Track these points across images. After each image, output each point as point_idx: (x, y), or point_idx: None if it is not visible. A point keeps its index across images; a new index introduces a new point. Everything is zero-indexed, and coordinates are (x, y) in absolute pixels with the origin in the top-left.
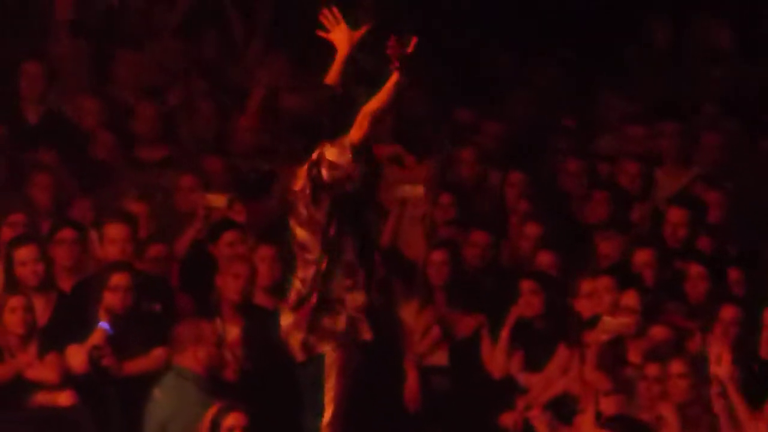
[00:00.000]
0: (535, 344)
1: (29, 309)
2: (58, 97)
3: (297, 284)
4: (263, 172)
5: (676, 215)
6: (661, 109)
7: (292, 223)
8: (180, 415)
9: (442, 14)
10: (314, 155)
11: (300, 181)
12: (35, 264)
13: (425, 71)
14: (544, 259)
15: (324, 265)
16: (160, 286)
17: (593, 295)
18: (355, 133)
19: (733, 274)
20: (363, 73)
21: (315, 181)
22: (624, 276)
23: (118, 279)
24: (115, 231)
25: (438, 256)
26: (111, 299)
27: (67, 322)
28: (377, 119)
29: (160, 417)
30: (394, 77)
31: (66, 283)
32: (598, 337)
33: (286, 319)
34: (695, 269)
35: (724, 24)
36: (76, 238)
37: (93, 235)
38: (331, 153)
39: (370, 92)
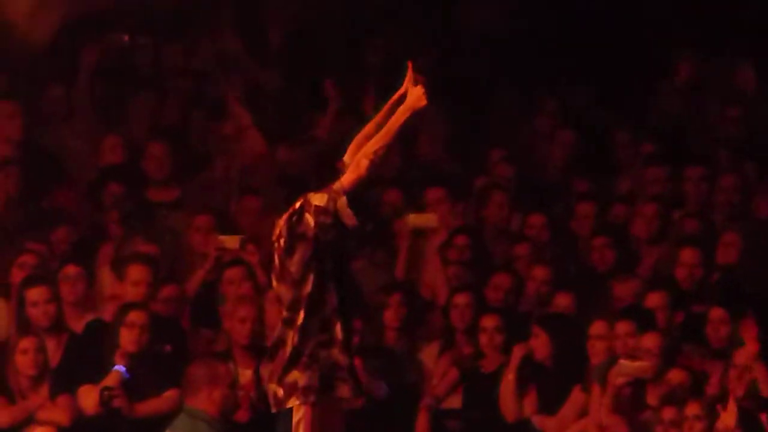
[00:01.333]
0: (548, 386)
1: (41, 350)
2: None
3: (275, 334)
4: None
5: (689, 256)
6: (680, 151)
7: (272, 275)
8: None
9: (454, 53)
10: (297, 204)
11: (277, 231)
12: (46, 305)
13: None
14: (562, 301)
15: (300, 320)
16: (171, 326)
17: (609, 338)
18: (351, 178)
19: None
20: None
21: (292, 230)
22: (642, 319)
23: (135, 316)
24: (137, 272)
25: (462, 299)
26: (127, 337)
27: (79, 362)
28: (379, 159)
29: None
30: (401, 110)
31: (74, 322)
32: (615, 380)
33: (264, 368)
34: (716, 313)
35: (747, 65)
36: (79, 274)
37: (104, 273)
38: (317, 198)
39: None
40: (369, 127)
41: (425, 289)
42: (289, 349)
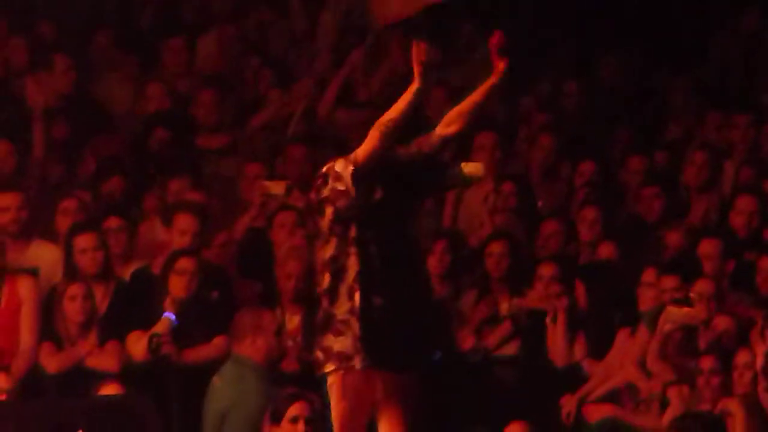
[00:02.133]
0: (594, 332)
1: (89, 297)
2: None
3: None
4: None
5: (746, 204)
6: (729, 99)
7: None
8: (240, 404)
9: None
10: (325, 167)
11: (312, 193)
12: (94, 252)
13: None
14: (605, 250)
15: (325, 284)
16: (219, 274)
17: (658, 287)
18: (363, 149)
19: None
20: None
21: (318, 191)
22: (689, 269)
23: (184, 263)
24: (184, 221)
25: (497, 247)
26: (177, 283)
27: (127, 309)
28: (391, 131)
29: (219, 406)
30: (415, 84)
31: (122, 270)
32: (662, 326)
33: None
34: (766, 263)
35: None
36: (121, 226)
37: (156, 222)
38: (339, 164)
39: None
40: (464, 102)
41: (473, 238)
42: (320, 313)
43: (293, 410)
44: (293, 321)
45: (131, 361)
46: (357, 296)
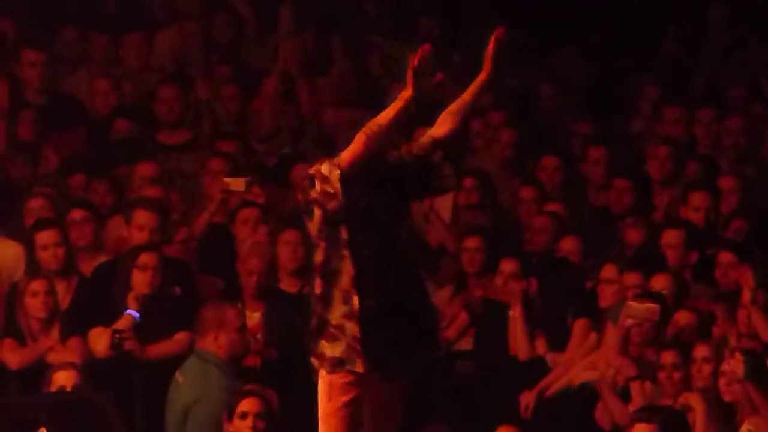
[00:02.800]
0: (552, 325)
1: (51, 293)
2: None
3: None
4: (282, 156)
5: (698, 199)
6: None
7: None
8: (203, 400)
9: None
10: (312, 168)
11: (299, 194)
12: (56, 248)
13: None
14: (567, 245)
15: (317, 289)
16: (181, 269)
17: (618, 282)
18: (348, 152)
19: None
20: None
21: (305, 193)
22: (650, 262)
23: (146, 258)
24: (143, 218)
25: (472, 242)
26: (139, 278)
27: (89, 305)
28: (378, 139)
29: (183, 401)
30: (408, 90)
31: (85, 266)
32: (623, 321)
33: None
34: (725, 257)
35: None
36: (86, 217)
37: (116, 218)
38: (324, 166)
39: None
40: (454, 102)
41: (434, 235)
42: (314, 318)
43: (242, 406)
44: (254, 318)
45: (93, 357)
46: (355, 299)
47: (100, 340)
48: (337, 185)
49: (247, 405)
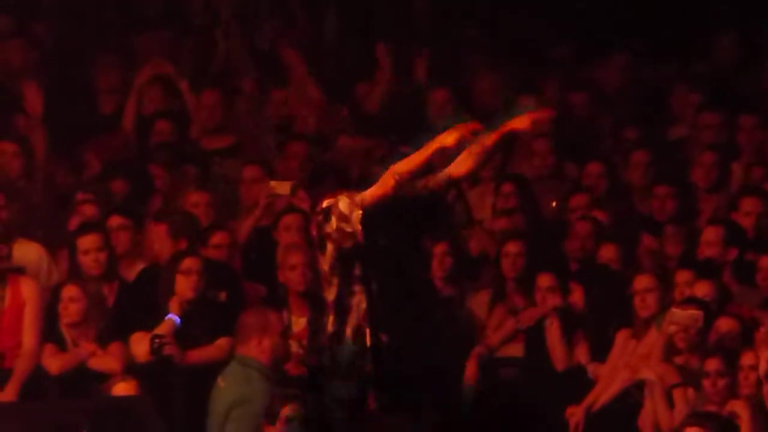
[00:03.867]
0: (594, 335)
1: (92, 297)
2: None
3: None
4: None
5: (749, 205)
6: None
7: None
8: (244, 403)
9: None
10: (325, 202)
11: (312, 228)
12: (97, 252)
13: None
14: (607, 252)
15: (330, 326)
16: (225, 273)
17: (657, 290)
18: (373, 193)
19: None
20: None
21: (320, 228)
22: (700, 267)
23: (190, 262)
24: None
25: (513, 247)
26: (183, 283)
27: (131, 310)
28: (405, 182)
29: (224, 405)
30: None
31: (126, 271)
32: (666, 328)
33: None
34: (766, 261)
35: None
36: (123, 225)
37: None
38: (342, 203)
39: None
40: (476, 144)
41: (476, 240)
42: (327, 358)
43: (287, 410)
44: (299, 323)
45: (134, 362)
46: (367, 336)
47: (140, 346)
48: (358, 226)
49: (291, 409)
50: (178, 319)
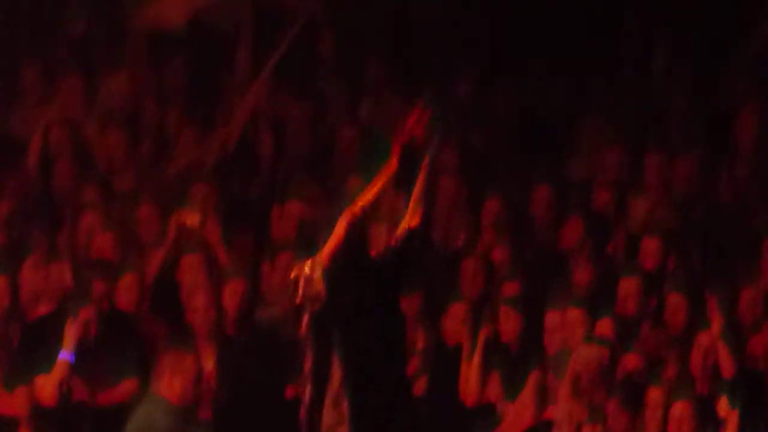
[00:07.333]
0: (510, 371)
1: None
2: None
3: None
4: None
5: (651, 245)
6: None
7: None
8: None
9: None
10: (294, 271)
11: (285, 300)
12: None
13: None
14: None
15: (307, 397)
16: (129, 316)
17: (562, 328)
18: (329, 245)
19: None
20: None
21: (291, 296)
22: (597, 305)
23: (85, 312)
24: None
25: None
26: (78, 330)
27: (33, 353)
28: (360, 222)
29: None
30: (391, 165)
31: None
32: (573, 366)
33: None
34: (674, 299)
35: None
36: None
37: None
38: (308, 267)
39: None
40: (416, 189)
41: None
42: (305, 427)
43: None
44: (209, 363)
45: (39, 407)
46: (345, 405)
47: (44, 390)
48: (320, 285)
49: None
50: (71, 356)
